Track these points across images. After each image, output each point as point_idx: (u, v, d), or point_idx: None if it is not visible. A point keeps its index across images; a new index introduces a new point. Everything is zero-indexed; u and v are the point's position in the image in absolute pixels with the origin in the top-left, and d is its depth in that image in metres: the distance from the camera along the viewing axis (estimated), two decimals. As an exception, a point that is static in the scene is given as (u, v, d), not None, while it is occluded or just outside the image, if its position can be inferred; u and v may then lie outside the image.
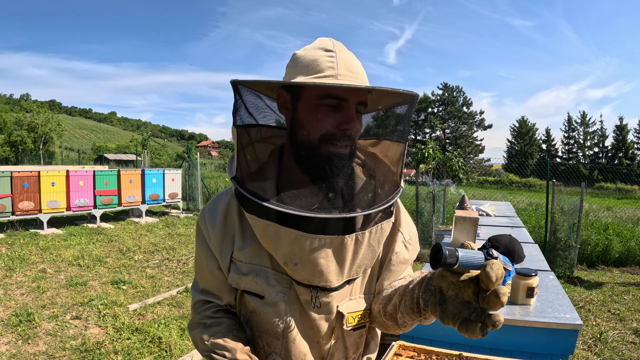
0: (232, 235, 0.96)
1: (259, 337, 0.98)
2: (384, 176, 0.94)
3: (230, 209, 0.97)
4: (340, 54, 0.87)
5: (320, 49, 0.88)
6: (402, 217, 1.04)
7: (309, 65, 0.86)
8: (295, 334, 0.94)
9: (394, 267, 1.01)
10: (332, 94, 0.84)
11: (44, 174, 8.14)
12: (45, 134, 36.17)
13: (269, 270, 0.93)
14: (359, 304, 1.00)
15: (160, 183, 10.57)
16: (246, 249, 0.94)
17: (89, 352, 3.52)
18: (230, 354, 0.90)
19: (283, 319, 0.93)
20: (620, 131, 52.96)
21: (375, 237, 0.92)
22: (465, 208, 4.02)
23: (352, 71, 0.87)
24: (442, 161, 7.27)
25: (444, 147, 48.90)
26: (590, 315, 4.70)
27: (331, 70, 0.84)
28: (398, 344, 1.45)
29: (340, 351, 1.02)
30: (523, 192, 24.68)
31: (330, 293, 0.93)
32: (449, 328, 2.01)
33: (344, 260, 0.89)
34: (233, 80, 0.85)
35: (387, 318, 0.96)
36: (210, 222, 0.97)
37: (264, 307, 0.94)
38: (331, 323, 0.97)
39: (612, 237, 7.58)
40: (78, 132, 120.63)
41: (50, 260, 6.20)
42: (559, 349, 1.82)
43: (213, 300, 1.02)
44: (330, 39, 0.92)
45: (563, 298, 2.11)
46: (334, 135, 0.85)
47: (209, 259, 0.99)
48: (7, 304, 4.45)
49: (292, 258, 0.87)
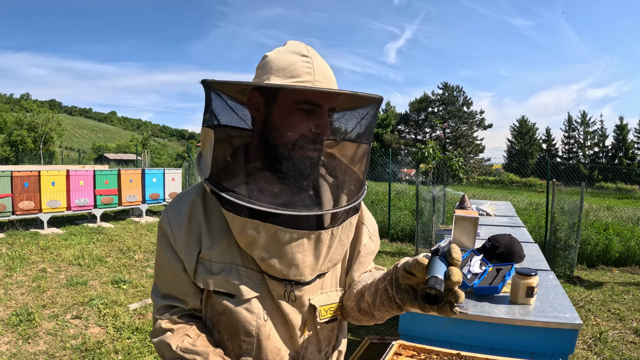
0: (198, 234, 0.95)
1: (228, 339, 0.96)
2: (352, 175, 0.99)
3: (194, 208, 0.96)
4: (315, 60, 0.90)
5: (295, 54, 0.90)
6: (365, 212, 1.11)
7: (285, 69, 0.88)
8: (269, 329, 0.95)
9: (363, 258, 1.07)
10: (309, 100, 0.86)
11: (44, 174, 8.14)
12: (45, 134, 36.18)
13: (240, 267, 0.93)
14: (331, 297, 1.03)
15: (160, 183, 10.57)
16: (215, 247, 0.94)
17: (89, 351, 3.52)
18: (201, 357, 0.89)
19: (256, 316, 0.93)
20: (620, 131, 52.95)
21: (344, 232, 0.96)
22: (466, 208, 4.02)
23: (327, 77, 0.91)
24: (442, 161, 7.26)
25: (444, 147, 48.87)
26: (590, 315, 4.70)
27: (308, 75, 0.88)
28: (398, 344, 1.46)
29: (314, 344, 1.03)
30: (523, 191, 24.68)
31: (303, 287, 0.94)
32: (449, 327, 2.01)
33: (320, 254, 0.92)
34: (205, 80, 0.86)
35: (362, 314, 1.01)
36: (175, 223, 0.95)
37: (235, 306, 0.93)
38: (304, 316, 0.98)
39: (612, 236, 7.58)
40: (78, 131, 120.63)
41: (50, 260, 6.21)
42: (558, 349, 1.82)
43: (177, 304, 0.98)
44: (303, 44, 0.94)
45: (563, 298, 2.11)
46: (308, 139, 0.88)
47: (173, 261, 0.96)
48: (7, 304, 4.46)
49: (269, 252, 0.88)
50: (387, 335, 3.61)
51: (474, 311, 1.92)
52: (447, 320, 1.95)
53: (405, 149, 57.63)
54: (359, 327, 4.25)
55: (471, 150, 56.13)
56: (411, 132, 62.31)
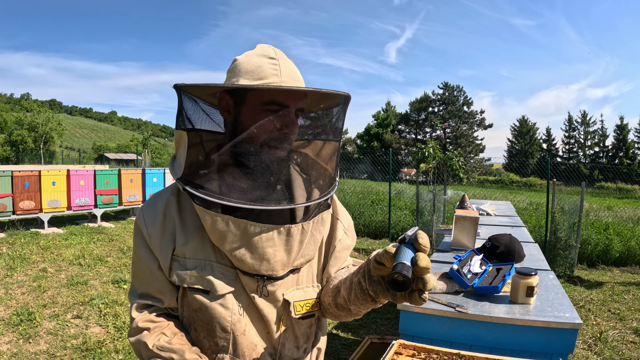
0: (172, 232, 0.97)
1: (205, 337, 0.97)
2: (321, 172, 1.01)
3: (169, 206, 0.98)
4: (282, 62, 0.93)
5: (263, 56, 0.93)
6: (339, 208, 1.13)
7: (253, 71, 0.91)
8: (244, 325, 0.96)
9: (339, 253, 1.09)
10: (276, 101, 0.90)
11: (44, 174, 8.14)
12: (45, 134, 36.20)
13: (214, 263, 0.95)
14: (307, 293, 1.04)
15: (160, 182, 10.57)
16: (189, 243, 0.95)
17: (90, 351, 3.53)
18: (177, 355, 0.90)
19: (231, 311, 0.94)
20: (620, 131, 52.93)
21: (316, 227, 0.98)
22: (466, 207, 4.02)
23: (294, 78, 0.94)
24: (442, 160, 7.26)
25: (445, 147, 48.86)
26: (591, 315, 4.70)
27: (275, 77, 0.91)
28: (398, 343, 1.46)
29: (291, 340, 1.04)
30: (523, 191, 24.67)
31: (275, 282, 0.96)
32: (450, 327, 2.01)
33: (291, 249, 0.94)
34: (176, 85, 0.89)
35: (339, 309, 1.01)
36: (150, 221, 0.97)
37: (210, 302, 0.94)
38: (279, 312, 1.00)
39: (612, 236, 7.58)
40: (78, 131, 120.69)
41: (51, 260, 6.21)
42: (558, 348, 1.82)
43: (154, 303, 1.00)
44: (271, 47, 0.97)
45: (563, 297, 2.11)
46: (276, 138, 0.91)
47: (148, 259, 0.97)
48: (8, 303, 4.46)
49: (241, 247, 0.90)
50: (388, 335, 3.62)
51: (474, 311, 1.92)
52: (448, 320, 1.95)
53: (405, 148, 57.66)
54: (359, 327, 4.26)
55: (471, 150, 56.10)
56: (411, 131, 62.29)
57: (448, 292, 2.15)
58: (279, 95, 0.89)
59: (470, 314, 1.90)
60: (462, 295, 2.13)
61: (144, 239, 0.98)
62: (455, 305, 1.97)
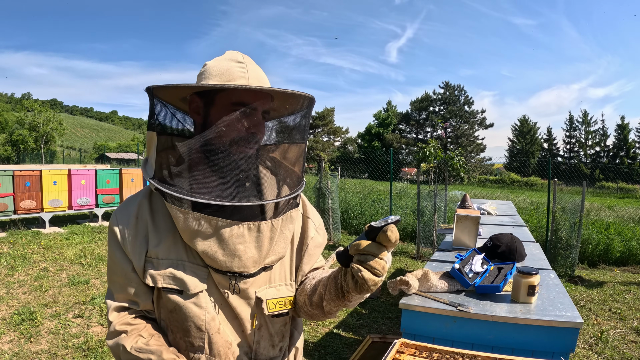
0: (145, 234, 0.98)
1: (181, 338, 0.99)
2: (289, 171, 1.04)
3: (141, 209, 1.00)
4: (250, 65, 0.99)
5: (231, 60, 0.98)
6: (309, 208, 1.17)
7: (222, 74, 0.96)
8: (218, 323, 0.98)
9: (312, 250, 1.12)
10: (243, 101, 0.93)
11: (45, 173, 8.16)
12: (46, 133, 36.24)
13: (186, 262, 0.96)
14: (279, 291, 1.06)
15: (161, 182, 10.58)
16: (161, 244, 0.97)
17: (91, 350, 3.53)
18: (155, 355, 0.91)
19: (204, 310, 0.96)
20: (621, 130, 52.85)
21: (285, 225, 1.01)
22: (467, 207, 4.02)
23: (261, 81, 0.99)
24: (443, 160, 7.27)
25: (445, 146, 48.88)
26: (591, 314, 4.70)
27: (243, 79, 0.96)
28: (400, 342, 1.46)
29: (266, 339, 1.06)
30: (524, 191, 24.65)
31: (247, 279, 0.98)
32: (451, 326, 2.02)
33: (262, 246, 0.96)
34: (148, 87, 0.93)
35: (314, 307, 1.04)
36: (123, 224, 0.99)
37: (184, 301, 0.95)
38: (252, 309, 1.02)
39: (613, 236, 7.58)
40: (79, 131, 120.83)
41: (52, 259, 6.22)
42: (559, 347, 1.82)
43: (130, 306, 1.01)
44: (240, 53, 1.02)
45: (564, 296, 2.12)
46: (243, 136, 0.94)
47: (122, 262, 0.98)
48: (9, 303, 4.47)
49: (212, 245, 0.92)
50: (389, 334, 3.62)
51: (476, 310, 1.92)
52: (449, 319, 1.95)
53: (406, 148, 57.61)
54: (360, 326, 4.26)
55: (472, 149, 56.08)
56: (412, 131, 62.25)
57: (449, 291, 2.15)
58: (246, 95, 0.92)
59: (472, 313, 1.90)
60: (463, 294, 2.13)
61: (117, 242, 0.99)
62: (456, 304, 1.98)
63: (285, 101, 1.00)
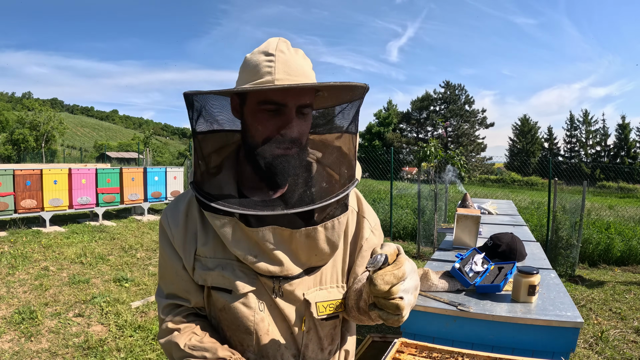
0: (194, 232, 0.97)
1: (231, 336, 0.98)
2: (336, 170, 0.97)
3: (191, 207, 0.99)
4: (280, 57, 0.88)
5: (262, 53, 0.90)
6: (365, 206, 1.09)
7: (251, 71, 0.89)
8: (267, 325, 0.95)
9: (366, 252, 1.05)
10: (271, 100, 0.87)
11: (46, 172, 8.16)
12: (47, 132, 36.24)
13: (234, 262, 0.94)
14: (330, 293, 1.01)
15: (162, 181, 10.59)
16: (210, 243, 0.95)
17: (91, 349, 3.54)
18: (210, 353, 0.90)
19: (253, 311, 0.94)
20: (622, 130, 52.82)
21: (331, 232, 0.94)
22: (467, 206, 4.02)
23: (291, 74, 0.88)
24: (443, 159, 7.27)
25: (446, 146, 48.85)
26: (592, 314, 4.70)
27: (269, 75, 0.87)
28: (400, 341, 1.46)
29: (315, 342, 1.02)
30: (525, 190, 24.64)
31: (292, 281, 0.95)
32: (451, 325, 2.00)
33: (298, 251, 0.93)
34: (186, 93, 0.88)
35: (361, 314, 0.98)
36: (173, 221, 0.98)
37: (233, 301, 0.94)
38: (300, 312, 0.98)
39: (613, 236, 7.57)
40: (80, 130, 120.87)
41: (52, 258, 6.23)
42: (560, 347, 1.82)
43: (181, 303, 1.00)
44: (278, 39, 0.92)
45: (564, 296, 2.11)
46: (275, 139, 0.88)
47: (173, 259, 0.98)
48: (10, 302, 4.48)
49: (250, 252, 0.90)
50: (389, 333, 3.62)
51: (476, 309, 1.92)
52: (449, 318, 1.95)
53: (407, 147, 57.59)
54: (360, 325, 4.25)
55: (473, 148, 56.07)
56: (413, 130, 62.27)
57: (450, 290, 2.15)
58: (272, 94, 0.86)
59: (472, 313, 1.90)
60: (463, 293, 2.13)
61: (168, 239, 0.99)
62: (457, 303, 1.97)
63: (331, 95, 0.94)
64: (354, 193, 1.09)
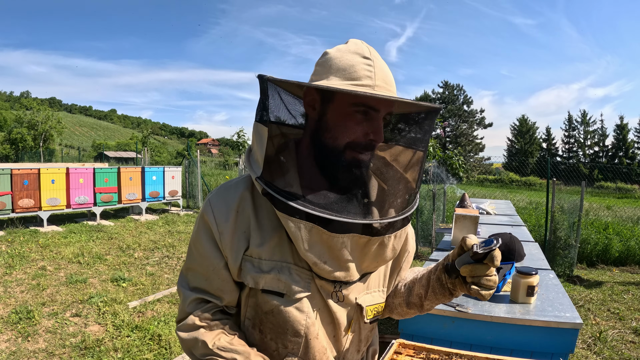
0: (245, 230, 0.92)
1: (272, 339, 0.95)
2: (406, 184, 0.96)
3: (243, 203, 0.93)
4: (377, 62, 0.87)
5: (357, 54, 0.87)
6: None
7: (345, 70, 0.85)
8: (318, 329, 0.94)
9: (410, 257, 1.15)
10: (367, 104, 0.85)
11: (44, 172, 8.13)
12: (45, 132, 36.15)
13: (292, 265, 0.91)
14: (375, 297, 1.04)
15: (160, 181, 10.57)
16: (266, 244, 0.91)
17: (88, 349, 3.52)
18: (242, 357, 0.87)
19: (306, 315, 0.92)
20: (620, 130, 52.91)
21: (399, 240, 0.96)
22: (466, 206, 4.02)
23: (387, 82, 0.87)
24: (442, 159, 7.26)
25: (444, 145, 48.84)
26: (590, 315, 4.70)
27: (369, 79, 0.84)
28: (398, 342, 1.45)
29: (354, 344, 1.04)
30: (523, 190, 24.68)
31: (349, 286, 0.96)
32: (449, 326, 2.00)
33: (371, 257, 0.92)
34: (261, 75, 0.83)
35: (410, 307, 1.09)
36: (221, 217, 0.92)
37: (286, 305, 0.91)
38: (350, 316, 0.99)
39: (612, 236, 7.58)
40: (78, 129, 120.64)
41: (50, 258, 6.21)
42: (559, 348, 1.82)
43: (211, 300, 0.96)
44: (365, 44, 0.90)
45: (563, 297, 2.11)
46: (361, 144, 0.87)
47: (213, 257, 0.93)
48: (6, 302, 4.46)
49: (322, 256, 0.87)
50: (387, 334, 3.61)
51: (474, 310, 1.91)
52: (448, 319, 1.95)
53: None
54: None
55: (471, 149, 56.13)
56: (411, 130, 62.23)
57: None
58: (371, 99, 0.84)
59: (470, 314, 1.89)
60: (462, 294, 2.12)
61: (211, 235, 0.93)
62: (455, 304, 1.97)
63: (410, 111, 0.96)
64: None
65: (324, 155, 0.89)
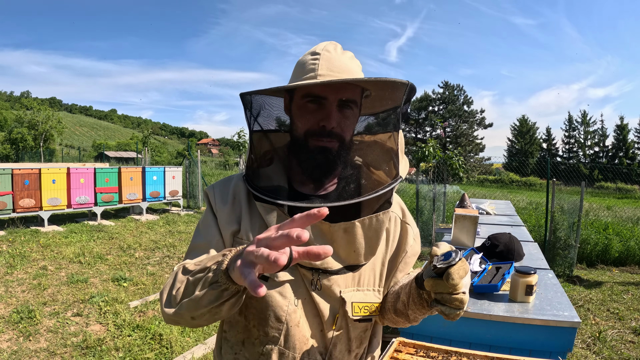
0: (238, 215, 0.99)
1: (255, 326, 0.97)
2: (376, 168, 0.99)
3: (237, 188, 1.02)
4: (325, 55, 0.94)
5: (309, 54, 0.97)
6: (407, 214, 1.11)
7: (297, 70, 0.97)
8: (299, 317, 0.95)
9: (409, 259, 1.08)
10: (312, 93, 0.92)
11: (44, 172, 8.15)
12: (45, 132, 36.15)
13: None
14: (367, 296, 1.02)
15: (160, 180, 10.58)
16: (255, 228, 0.97)
17: (89, 348, 3.53)
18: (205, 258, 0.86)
19: (288, 301, 0.94)
20: (620, 131, 52.91)
21: (371, 228, 0.95)
22: (466, 206, 4.03)
23: (334, 70, 0.92)
24: (442, 160, 7.27)
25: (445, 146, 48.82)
26: (590, 314, 4.71)
27: (312, 72, 0.93)
28: (398, 341, 1.47)
29: (344, 342, 1.02)
30: (523, 191, 24.68)
31: (330, 276, 0.96)
32: (449, 325, 2.01)
33: (340, 247, 0.94)
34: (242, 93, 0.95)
35: (398, 315, 1.01)
36: (220, 198, 1.01)
37: (269, 288, 0.93)
38: (334, 310, 0.98)
39: (611, 236, 7.58)
40: (78, 129, 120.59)
41: (51, 258, 6.22)
42: (557, 346, 1.83)
43: None
44: (329, 43, 0.99)
45: (562, 296, 2.12)
46: (316, 132, 0.93)
47: (215, 229, 0.99)
48: (8, 301, 4.47)
49: None
50: (387, 333, 3.62)
51: (474, 309, 1.93)
52: (447, 318, 1.96)
53: (405, 147, 57.59)
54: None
55: (471, 149, 56.12)
56: (411, 130, 62.24)
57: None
58: (312, 87, 0.92)
59: (470, 312, 1.90)
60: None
61: (213, 211, 1.01)
62: (454, 303, 1.98)
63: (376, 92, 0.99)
64: (397, 202, 1.10)
65: (293, 148, 0.98)
